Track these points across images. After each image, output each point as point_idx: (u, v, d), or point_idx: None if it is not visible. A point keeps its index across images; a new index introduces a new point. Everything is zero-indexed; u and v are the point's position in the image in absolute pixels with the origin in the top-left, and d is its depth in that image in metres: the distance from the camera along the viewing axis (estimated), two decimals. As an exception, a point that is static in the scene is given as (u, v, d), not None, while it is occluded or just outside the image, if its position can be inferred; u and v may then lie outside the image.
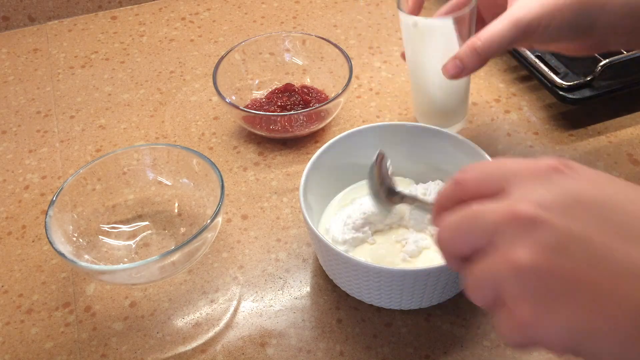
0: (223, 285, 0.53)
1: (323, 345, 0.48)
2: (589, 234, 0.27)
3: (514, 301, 0.28)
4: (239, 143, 0.66)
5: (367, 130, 0.54)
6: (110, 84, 0.75)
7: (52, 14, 0.86)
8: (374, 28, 0.82)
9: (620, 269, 0.26)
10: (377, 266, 0.43)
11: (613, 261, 0.26)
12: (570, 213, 0.28)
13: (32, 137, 0.68)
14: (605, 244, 0.27)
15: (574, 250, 0.27)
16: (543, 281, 0.27)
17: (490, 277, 0.29)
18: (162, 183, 0.58)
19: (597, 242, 0.27)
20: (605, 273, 0.26)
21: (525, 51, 0.68)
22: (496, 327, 0.29)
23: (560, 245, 0.27)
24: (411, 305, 0.47)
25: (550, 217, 0.27)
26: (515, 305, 0.28)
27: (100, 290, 0.53)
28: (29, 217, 0.59)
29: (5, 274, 0.54)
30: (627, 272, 0.26)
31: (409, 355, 0.47)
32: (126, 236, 0.56)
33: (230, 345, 0.48)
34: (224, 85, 0.66)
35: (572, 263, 0.27)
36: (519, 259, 0.27)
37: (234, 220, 0.58)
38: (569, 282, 0.27)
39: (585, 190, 0.29)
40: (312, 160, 0.51)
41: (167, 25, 0.84)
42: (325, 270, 0.50)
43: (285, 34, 0.71)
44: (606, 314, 0.26)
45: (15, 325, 0.50)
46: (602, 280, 0.26)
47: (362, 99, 0.70)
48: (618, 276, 0.26)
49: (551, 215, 0.28)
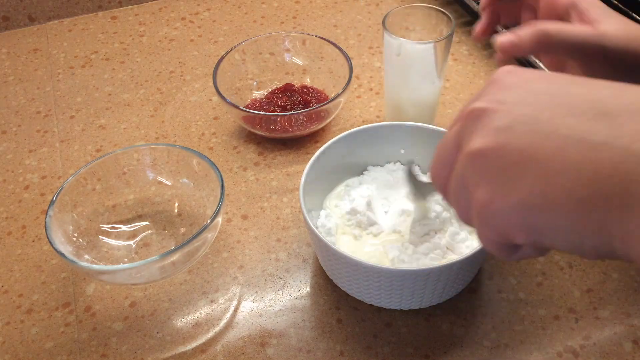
0: (223, 285, 0.53)
1: (323, 345, 0.48)
2: (535, 114, 0.28)
3: (474, 188, 0.29)
4: (239, 143, 0.66)
5: (367, 130, 0.54)
6: (110, 84, 0.75)
7: (52, 14, 0.86)
8: (374, 28, 0.82)
9: (571, 141, 0.27)
10: (377, 266, 0.43)
11: (562, 134, 0.27)
12: (519, 101, 0.29)
13: (32, 137, 0.68)
14: (552, 120, 0.27)
15: (522, 130, 0.28)
16: (495, 162, 0.28)
17: (459, 177, 0.30)
18: (162, 183, 0.58)
19: (544, 119, 0.28)
20: (555, 147, 0.27)
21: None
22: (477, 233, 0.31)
23: (508, 126, 0.28)
24: (411, 305, 0.47)
25: (499, 105, 0.29)
26: (474, 191, 0.29)
27: (100, 290, 0.53)
28: (29, 217, 0.59)
29: (5, 274, 0.54)
30: (578, 143, 0.26)
31: (409, 355, 0.47)
32: (126, 236, 0.56)
33: (230, 345, 0.48)
34: (224, 85, 0.66)
35: (522, 140, 0.28)
36: (472, 146, 0.29)
37: (234, 220, 0.58)
38: (520, 160, 0.27)
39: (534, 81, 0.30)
40: (312, 160, 0.51)
41: (167, 25, 0.84)
42: (326, 270, 0.50)
43: (285, 34, 0.71)
44: (559, 184, 0.26)
45: (15, 325, 0.50)
46: (552, 154, 0.27)
47: (362, 99, 0.70)
48: (568, 147, 0.26)
49: (500, 104, 0.29)
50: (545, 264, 0.53)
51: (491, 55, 0.76)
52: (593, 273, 0.52)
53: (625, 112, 0.26)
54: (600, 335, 0.48)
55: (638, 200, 0.24)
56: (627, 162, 0.25)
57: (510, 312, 0.49)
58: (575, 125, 0.27)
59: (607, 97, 0.27)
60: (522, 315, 0.49)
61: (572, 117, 0.27)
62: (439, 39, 0.56)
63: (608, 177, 0.25)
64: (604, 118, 0.26)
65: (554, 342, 0.47)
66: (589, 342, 0.47)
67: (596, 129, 0.26)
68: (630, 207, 0.25)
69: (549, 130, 0.27)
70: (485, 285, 0.51)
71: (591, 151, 0.26)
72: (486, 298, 0.50)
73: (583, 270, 0.52)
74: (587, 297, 0.50)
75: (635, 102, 0.27)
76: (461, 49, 0.77)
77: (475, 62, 0.75)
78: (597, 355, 0.46)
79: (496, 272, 0.52)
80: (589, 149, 0.26)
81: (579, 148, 0.26)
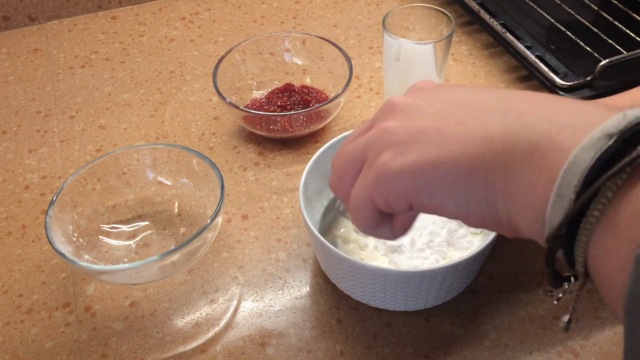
0: (223, 285, 0.53)
1: (323, 345, 0.48)
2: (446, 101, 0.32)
3: (376, 152, 0.32)
4: (239, 143, 0.66)
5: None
6: (110, 84, 0.75)
7: (52, 14, 0.86)
8: (374, 28, 0.82)
9: (470, 116, 0.30)
10: (383, 268, 0.43)
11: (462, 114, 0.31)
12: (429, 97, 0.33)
13: (32, 137, 0.68)
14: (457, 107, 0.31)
15: (430, 111, 0.32)
16: (401, 134, 0.31)
17: (360, 146, 0.33)
18: (162, 183, 0.58)
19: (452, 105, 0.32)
20: (456, 121, 0.30)
21: (526, 51, 0.68)
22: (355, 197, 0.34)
23: (419, 110, 0.32)
24: (416, 307, 0.47)
25: (413, 99, 0.33)
26: (376, 154, 0.32)
27: (100, 290, 0.53)
28: (29, 217, 0.59)
29: (5, 274, 0.54)
30: (476, 117, 0.30)
31: (409, 355, 0.47)
32: (126, 236, 0.55)
33: (230, 345, 0.48)
34: (224, 85, 0.66)
35: (428, 119, 0.31)
36: (384, 124, 0.33)
37: (234, 220, 0.58)
38: (423, 131, 0.31)
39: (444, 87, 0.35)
40: (312, 160, 0.51)
41: (167, 25, 0.84)
42: (326, 272, 0.50)
43: (285, 34, 0.71)
44: (454, 145, 0.29)
45: (15, 325, 0.50)
46: (452, 126, 0.30)
47: (362, 99, 0.70)
48: (468, 121, 0.30)
49: (413, 99, 0.33)
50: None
51: (491, 55, 0.76)
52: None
53: (521, 97, 0.30)
54: (600, 335, 0.48)
55: (524, 157, 0.27)
56: (516, 126, 0.28)
57: (510, 312, 0.49)
58: (476, 109, 0.30)
59: (507, 92, 0.32)
60: (522, 315, 0.49)
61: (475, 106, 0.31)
62: (439, 39, 0.56)
63: (498, 138, 0.28)
64: (502, 102, 0.30)
65: (554, 342, 0.47)
66: (589, 342, 0.47)
67: (494, 109, 0.30)
68: (516, 163, 0.27)
69: (454, 112, 0.31)
70: (485, 285, 0.51)
71: (486, 121, 0.29)
72: (486, 298, 0.50)
73: (583, 270, 0.52)
74: (587, 297, 0.50)
75: (529, 94, 0.31)
76: (461, 49, 0.77)
77: (475, 62, 0.75)
78: (597, 355, 0.46)
79: (496, 272, 0.52)
80: (485, 119, 0.30)
81: (476, 120, 0.30)
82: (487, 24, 0.75)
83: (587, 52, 0.68)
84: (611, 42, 0.68)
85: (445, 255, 0.49)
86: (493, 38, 0.76)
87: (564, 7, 0.76)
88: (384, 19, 0.57)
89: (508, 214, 0.29)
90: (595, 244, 0.26)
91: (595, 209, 0.25)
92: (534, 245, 0.54)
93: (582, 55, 0.68)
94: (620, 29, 0.71)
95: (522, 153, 0.27)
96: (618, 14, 0.73)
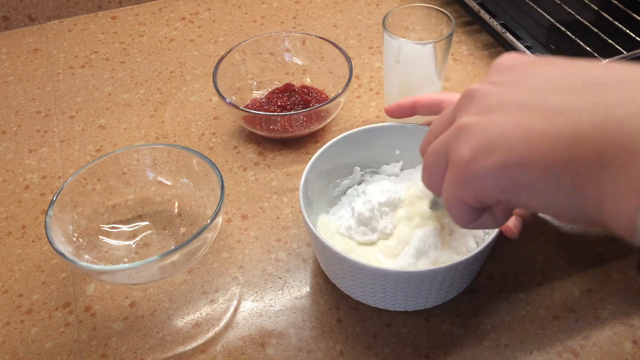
0: (223, 285, 0.53)
1: (323, 345, 0.48)
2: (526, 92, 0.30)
3: (456, 150, 0.31)
4: (239, 143, 0.66)
5: (367, 130, 0.54)
6: (110, 84, 0.75)
7: (52, 14, 0.86)
8: (374, 28, 0.82)
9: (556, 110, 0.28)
10: (383, 268, 0.43)
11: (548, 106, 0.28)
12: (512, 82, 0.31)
13: (32, 137, 0.68)
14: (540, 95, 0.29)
15: (511, 103, 0.30)
16: (481, 131, 0.30)
17: (442, 142, 0.33)
18: (162, 183, 0.58)
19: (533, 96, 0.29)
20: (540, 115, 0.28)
21: (526, 51, 0.68)
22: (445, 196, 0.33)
23: (499, 104, 0.30)
24: (416, 307, 0.47)
25: (493, 87, 0.31)
26: (456, 152, 0.31)
27: (100, 290, 0.53)
28: (29, 217, 0.59)
29: (5, 274, 0.54)
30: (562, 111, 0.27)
31: (409, 355, 0.47)
32: (126, 236, 0.55)
33: (230, 345, 0.48)
34: (224, 85, 0.66)
35: (509, 113, 0.29)
36: (463, 120, 0.31)
37: (234, 220, 0.58)
38: (504, 128, 0.29)
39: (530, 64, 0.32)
40: (312, 160, 0.51)
41: (167, 25, 0.84)
42: (326, 272, 0.50)
43: (285, 34, 0.71)
44: (540, 145, 0.27)
45: (15, 325, 0.50)
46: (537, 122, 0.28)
47: (362, 99, 0.70)
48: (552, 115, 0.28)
49: (494, 85, 0.31)
50: (545, 264, 0.53)
51: (491, 55, 0.76)
52: (593, 273, 0.52)
53: (612, 81, 0.27)
54: (600, 335, 0.48)
55: (614, 161, 0.25)
56: (607, 125, 0.25)
57: (510, 312, 0.49)
58: (561, 97, 0.28)
59: (597, 71, 0.28)
60: (522, 315, 0.49)
61: (560, 90, 0.28)
62: (439, 39, 0.56)
63: (587, 139, 0.26)
64: (591, 87, 0.27)
65: (554, 342, 0.47)
66: (589, 342, 0.47)
67: (581, 99, 0.27)
68: (606, 168, 0.25)
69: (537, 104, 0.29)
70: (485, 285, 0.51)
71: (573, 115, 0.27)
72: (486, 298, 0.50)
73: (583, 270, 0.52)
74: (587, 297, 0.50)
75: (623, 73, 0.27)
76: (461, 49, 0.77)
77: (475, 62, 0.75)
78: (597, 355, 0.46)
79: (496, 272, 0.52)
80: (572, 113, 0.27)
81: (562, 115, 0.27)
82: (487, 24, 0.75)
83: (587, 52, 0.68)
84: (611, 42, 0.68)
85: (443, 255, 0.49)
86: (493, 38, 0.76)
87: (564, 7, 0.76)
88: (384, 19, 0.57)
89: (600, 219, 0.27)
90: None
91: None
92: (534, 245, 0.54)
93: (582, 55, 0.68)
94: (620, 29, 0.71)
95: (613, 155, 0.25)
96: (618, 14, 0.73)
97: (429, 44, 0.55)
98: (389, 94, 0.63)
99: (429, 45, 0.56)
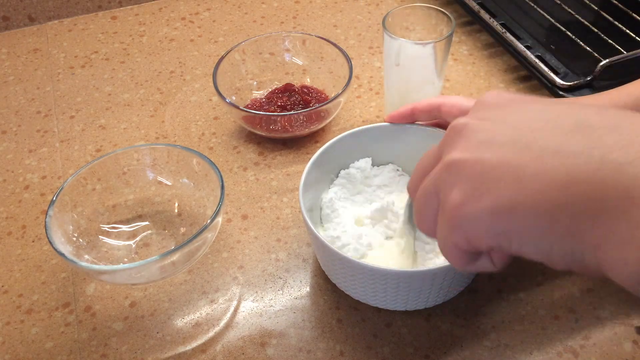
0: (223, 285, 0.53)
1: (323, 345, 0.48)
2: (516, 131, 0.29)
3: (447, 192, 0.30)
4: (239, 143, 0.66)
5: (367, 130, 0.54)
6: (110, 84, 0.75)
7: (52, 14, 0.86)
8: (374, 28, 0.82)
9: (548, 151, 0.27)
10: (383, 268, 0.43)
11: (539, 146, 0.27)
12: (501, 119, 0.30)
13: (32, 137, 0.68)
14: (531, 134, 0.28)
15: (500, 143, 0.29)
16: (471, 169, 0.29)
17: (432, 183, 0.32)
18: (162, 183, 0.58)
19: (523, 134, 0.28)
20: (531, 156, 0.27)
21: (526, 51, 0.68)
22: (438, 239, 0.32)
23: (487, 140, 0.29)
24: (417, 306, 0.47)
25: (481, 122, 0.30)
26: (447, 194, 0.30)
27: (100, 290, 0.53)
28: (29, 217, 0.59)
29: (5, 274, 0.54)
30: (554, 152, 0.27)
31: (409, 355, 0.47)
32: (126, 236, 0.55)
33: (230, 345, 0.48)
34: (224, 85, 0.66)
35: (499, 152, 0.28)
36: (451, 156, 0.30)
37: (234, 220, 0.58)
38: (495, 168, 0.28)
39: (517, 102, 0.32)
40: (312, 160, 0.51)
41: (167, 25, 0.84)
42: (326, 271, 0.50)
43: (285, 34, 0.71)
44: (532, 188, 0.26)
45: (15, 325, 0.50)
46: (528, 161, 0.27)
47: (362, 99, 0.70)
48: (544, 156, 0.27)
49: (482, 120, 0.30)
50: (545, 264, 0.53)
51: (491, 55, 0.76)
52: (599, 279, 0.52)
53: (605, 126, 0.26)
54: (600, 335, 0.48)
55: (614, 208, 0.24)
56: (604, 169, 0.25)
57: (510, 312, 0.49)
58: (553, 138, 0.27)
59: (588, 114, 0.27)
60: (522, 315, 0.49)
61: (551, 130, 0.28)
62: (439, 39, 0.56)
63: (583, 182, 0.25)
64: (583, 131, 0.26)
65: (554, 342, 0.47)
66: (589, 342, 0.47)
67: (574, 141, 0.26)
68: (606, 214, 0.24)
69: (527, 143, 0.28)
70: (485, 285, 0.51)
71: (567, 158, 0.26)
72: (486, 298, 0.50)
73: (583, 270, 0.52)
74: (587, 297, 0.50)
75: (615, 118, 0.27)
76: (461, 49, 0.77)
77: (475, 62, 0.75)
78: (597, 355, 0.46)
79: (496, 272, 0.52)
80: (565, 156, 0.26)
81: (555, 156, 0.26)
82: (487, 24, 0.75)
83: (587, 52, 0.68)
84: (611, 42, 0.68)
85: None
86: (493, 38, 0.76)
87: (564, 7, 0.76)
88: (384, 19, 0.57)
89: (598, 266, 0.26)
90: None
91: None
92: (534, 245, 0.54)
93: (582, 55, 0.68)
94: (620, 29, 0.71)
95: (612, 202, 0.24)
96: (618, 14, 0.73)
97: (429, 44, 0.55)
98: (389, 94, 0.63)
99: (429, 45, 0.56)
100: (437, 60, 0.57)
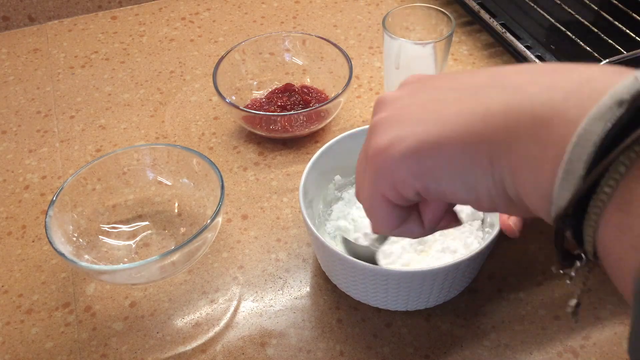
0: (223, 285, 0.53)
1: (323, 345, 0.48)
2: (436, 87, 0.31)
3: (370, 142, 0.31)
4: (239, 143, 0.66)
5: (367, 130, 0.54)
6: (110, 84, 0.75)
7: (52, 14, 0.86)
8: (374, 28, 0.82)
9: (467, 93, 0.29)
10: (384, 268, 0.43)
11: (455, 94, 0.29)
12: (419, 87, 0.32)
13: (32, 137, 0.68)
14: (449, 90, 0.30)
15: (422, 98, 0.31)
16: (396, 119, 0.30)
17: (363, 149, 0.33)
18: (162, 183, 0.58)
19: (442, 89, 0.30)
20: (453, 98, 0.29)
21: (526, 51, 0.68)
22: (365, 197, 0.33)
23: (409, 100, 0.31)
24: (417, 306, 0.47)
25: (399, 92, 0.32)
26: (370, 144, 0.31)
27: (100, 290, 0.53)
28: (29, 217, 0.59)
29: (5, 274, 0.54)
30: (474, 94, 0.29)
31: (409, 355, 0.47)
32: (126, 236, 0.55)
33: (230, 345, 0.48)
34: (224, 85, 0.66)
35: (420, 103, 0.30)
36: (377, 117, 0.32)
37: (234, 220, 0.58)
38: (417, 114, 0.30)
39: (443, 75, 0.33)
40: (312, 160, 0.51)
41: (167, 25, 0.84)
42: (326, 272, 0.50)
43: (285, 34, 0.71)
44: (454, 123, 0.28)
45: (15, 325, 0.50)
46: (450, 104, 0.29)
47: (362, 99, 0.70)
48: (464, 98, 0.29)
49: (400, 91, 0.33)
50: (545, 263, 0.53)
51: (491, 55, 0.76)
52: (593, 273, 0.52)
53: (516, 71, 0.29)
54: (600, 335, 0.48)
55: (526, 132, 0.26)
56: (516, 99, 0.27)
57: (510, 312, 0.49)
58: (469, 88, 0.29)
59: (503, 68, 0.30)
60: (522, 315, 0.49)
61: (467, 84, 0.30)
62: (439, 39, 0.56)
63: (498, 113, 0.27)
64: (496, 77, 0.29)
65: (554, 342, 0.47)
66: (589, 342, 0.47)
67: (491, 85, 0.28)
68: (519, 139, 0.26)
69: (445, 97, 0.30)
70: (485, 285, 0.51)
71: (484, 96, 0.28)
72: (486, 298, 0.50)
73: (583, 270, 0.52)
74: (587, 297, 0.50)
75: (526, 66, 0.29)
76: (461, 49, 0.77)
77: (475, 62, 0.75)
78: (597, 355, 0.46)
79: (496, 272, 0.52)
80: (483, 96, 0.28)
81: (472, 97, 0.28)
82: (487, 24, 0.75)
83: (587, 52, 0.68)
84: (611, 42, 0.68)
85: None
86: (493, 38, 0.76)
87: (564, 7, 0.76)
88: (384, 19, 0.57)
89: (515, 193, 0.27)
90: (606, 222, 0.24)
91: (606, 185, 0.23)
92: (534, 245, 0.54)
93: (582, 55, 0.68)
94: (620, 29, 0.71)
95: (525, 127, 0.26)
96: (618, 14, 0.73)
97: (429, 44, 0.55)
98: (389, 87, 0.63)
99: (429, 45, 0.56)
100: (437, 60, 0.57)
